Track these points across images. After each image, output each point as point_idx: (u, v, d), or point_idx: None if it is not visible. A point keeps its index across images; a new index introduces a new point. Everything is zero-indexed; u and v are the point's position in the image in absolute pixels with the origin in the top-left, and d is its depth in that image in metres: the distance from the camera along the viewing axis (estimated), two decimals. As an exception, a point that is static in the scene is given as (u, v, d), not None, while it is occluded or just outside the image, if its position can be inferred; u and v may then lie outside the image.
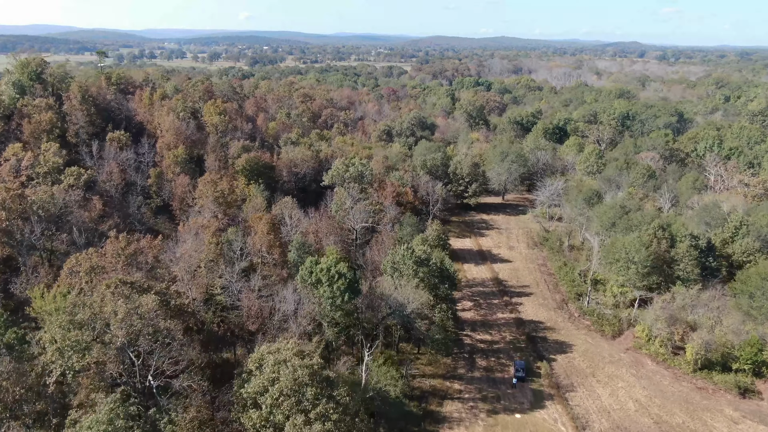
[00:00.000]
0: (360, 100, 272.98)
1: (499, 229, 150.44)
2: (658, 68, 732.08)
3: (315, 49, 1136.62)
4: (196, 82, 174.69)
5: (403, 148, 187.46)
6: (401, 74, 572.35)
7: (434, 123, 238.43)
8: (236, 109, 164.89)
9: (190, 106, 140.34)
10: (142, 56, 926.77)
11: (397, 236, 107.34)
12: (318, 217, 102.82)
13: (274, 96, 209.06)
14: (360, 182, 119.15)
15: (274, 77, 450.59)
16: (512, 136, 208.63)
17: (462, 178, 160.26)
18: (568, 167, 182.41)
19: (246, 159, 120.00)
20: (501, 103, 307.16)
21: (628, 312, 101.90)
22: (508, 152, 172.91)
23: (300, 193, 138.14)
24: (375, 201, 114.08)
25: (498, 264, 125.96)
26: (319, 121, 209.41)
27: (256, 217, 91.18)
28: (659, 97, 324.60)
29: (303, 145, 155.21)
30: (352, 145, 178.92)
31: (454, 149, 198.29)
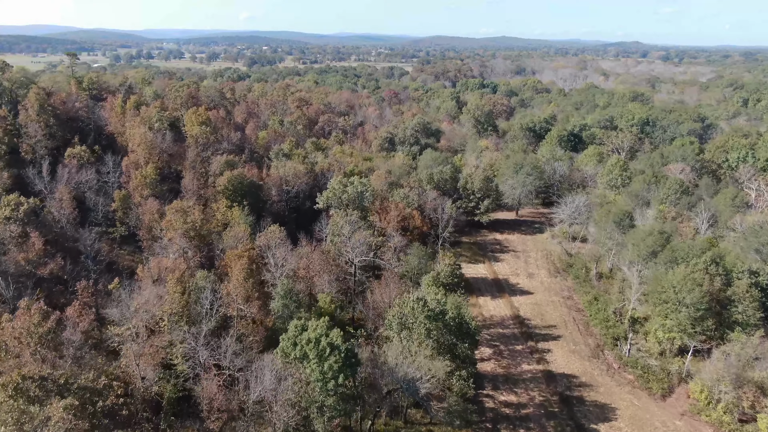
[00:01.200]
0: (360, 104, 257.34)
1: (515, 251, 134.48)
2: (664, 69, 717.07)
3: (315, 50, 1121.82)
4: (180, 87, 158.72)
5: (407, 158, 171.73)
6: (402, 75, 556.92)
7: (439, 129, 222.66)
8: (223, 117, 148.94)
9: (167, 116, 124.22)
10: (139, 56, 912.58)
11: (404, 269, 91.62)
12: (310, 249, 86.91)
13: (268, 101, 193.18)
14: (359, 205, 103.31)
15: (271, 79, 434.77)
16: (524, 144, 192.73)
17: (473, 193, 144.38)
18: (588, 179, 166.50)
19: (229, 177, 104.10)
20: (508, 106, 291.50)
21: (678, 364, 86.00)
22: (523, 163, 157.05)
23: (292, 213, 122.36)
24: (377, 228, 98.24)
25: (517, 297, 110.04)
26: (315, 127, 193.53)
27: (233, 255, 75.27)
28: (674, 101, 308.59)
29: (296, 158, 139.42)
30: (351, 155, 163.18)
31: (462, 159, 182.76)
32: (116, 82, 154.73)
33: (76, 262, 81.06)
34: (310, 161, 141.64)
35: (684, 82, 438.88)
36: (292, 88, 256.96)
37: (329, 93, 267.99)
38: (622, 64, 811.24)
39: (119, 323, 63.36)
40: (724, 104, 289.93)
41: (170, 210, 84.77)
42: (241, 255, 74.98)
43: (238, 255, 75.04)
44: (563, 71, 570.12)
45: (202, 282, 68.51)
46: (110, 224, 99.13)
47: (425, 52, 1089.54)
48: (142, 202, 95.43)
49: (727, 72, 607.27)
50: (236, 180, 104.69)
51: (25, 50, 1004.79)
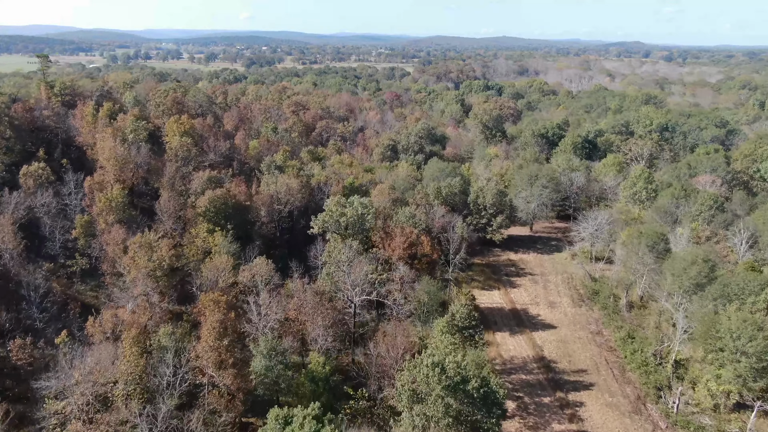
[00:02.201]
0: (360, 107, 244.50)
1: (532, 274, 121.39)
2: (669, 69, 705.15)
3: (315, 50, 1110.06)
4: (165, 92, 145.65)
5: (411, 167, 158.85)
6: (404, 76, 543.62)
7: (444, 135, 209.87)
8: (210, 125, 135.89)
9: (144, 126, 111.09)
10: (137, 57, 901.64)
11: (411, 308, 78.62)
12: (302, 287, 73.80)
13: (261, 105, 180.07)
14: (359, 229, 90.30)
15: (268, 80, 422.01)
16: (537, 152, 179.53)
17: (485, 208, 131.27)
18: (607, 191, 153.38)
19: (210, 198, 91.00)
20: (515, 109, 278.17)
21: (739, 425, 72.89)
22: (538, 174, 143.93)
23: (285, 234, 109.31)
24: (380, 258, 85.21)
25: (540, 332, 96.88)
26: (312, 134, 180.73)
27: (209, 300, 62.18)
28: (689, 103, 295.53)
29: (290, 170, 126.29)
30: (350, 165, 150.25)
31: (470, 168, 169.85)
32: (93, 86, 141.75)
33: (17, 312, 68.03)
34: (305, 173, 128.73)
35: (694, 83, 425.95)
36: (289, 90, 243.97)
37: (328, 96, 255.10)
38: (626, 65, 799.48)
39: (60, 395, 50.33)
40: (743, 108, 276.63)
41: (133, 244, 71.61)
42: (217, 300, 61.86)
43: (213, 300, 61.92)
44: (568, 72, 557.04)
45: (166, 341, 55.47)
46: (70, 255, 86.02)
47: (426, 52, 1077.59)
48: (107, 228, 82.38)
49: (734, 72, 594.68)
50: (219, 201, 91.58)
51: (22, 50, 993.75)
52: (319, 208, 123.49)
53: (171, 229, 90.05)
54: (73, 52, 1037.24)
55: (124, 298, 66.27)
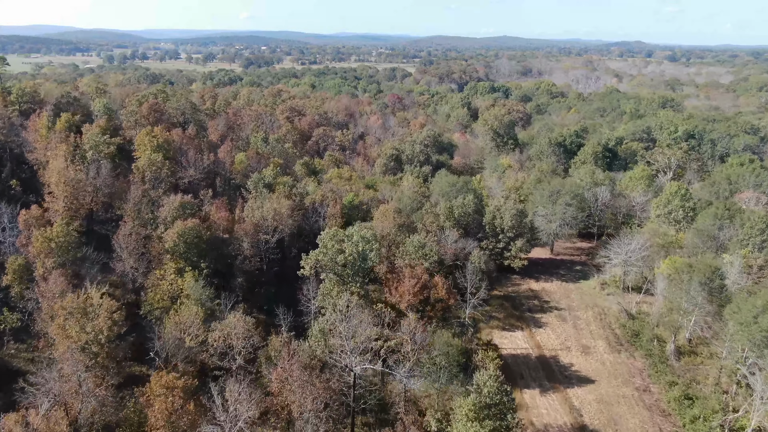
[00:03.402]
0: (361, 111, 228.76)
1: (558, 308, 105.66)
2: (675, 69, 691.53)
3: (314, 50, 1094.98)
4: (142, 97, 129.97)
5: (417, 181, 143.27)
6: (405, 77, 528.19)
7: (452, 142, 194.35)
8: (192, 135, 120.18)
9: (106, 140, 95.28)
10: (134, 57, 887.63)
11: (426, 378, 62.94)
12: (287, 354, 57.98)
13: (253, 111, 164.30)
14: (360, 267, 74.60)
15: (265, 81, 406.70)
16: (554, 163, 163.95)
17: (502, 231, 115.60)
18: (636, 208, 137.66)
19: (180, 231, 75.22)
20: (524, 113, 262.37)
21: None
22: (560, 191, 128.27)
23: (272, 267, 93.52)
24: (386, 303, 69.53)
25: (575, 388, 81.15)
26: (308, 143, 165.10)
27: (158, 386, 46.43)
28: (709, 107, 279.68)
29: (281, 188, 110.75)
30: (350, 179, 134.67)
31: (481, 180, 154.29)
32: (59, 92, 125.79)
33: None
34: (298, 192, 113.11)
35: (706, 85, 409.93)
36: (285, 94, 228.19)
37: (326, 99, 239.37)
38: (630, 65, 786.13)
39: None
40: None
41: (62, 310, 55.55)
42: (171, 386, 46.10)
43: (166, 386, 46.13)
44: (574, 73, 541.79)
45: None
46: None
47: (426, 52, 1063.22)
48: (45, 274, 66.66)
49: (743, 73, 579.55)
50: (191, 234, 75.82)
51: (18, 50, 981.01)
52: (313, 231, 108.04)
53: (132, 268, 74.43)
54: (70, 53, 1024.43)
55: (51, 380, 50.52)
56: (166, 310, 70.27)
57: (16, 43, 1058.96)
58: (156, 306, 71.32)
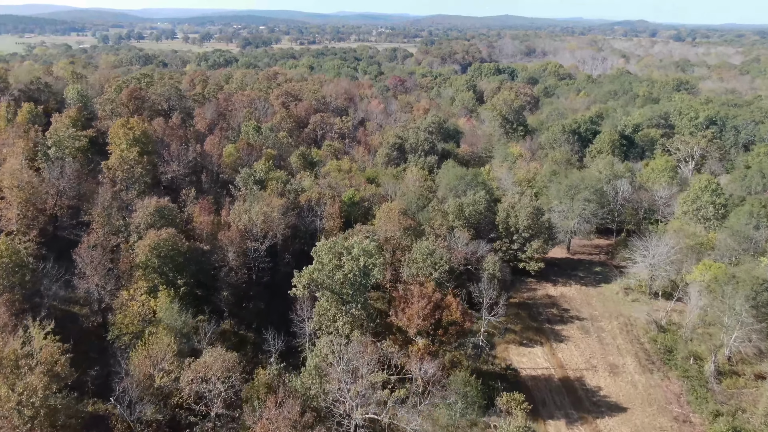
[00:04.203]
0: (361, 95, 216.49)
1: (580, 318, 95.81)
2: (683, 49, 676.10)
3: (313, 29, 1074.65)
4: (125, 82, 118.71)
5: (423, 172, 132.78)
6: (406, 57, 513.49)
7: (457, 128, 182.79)
8: (176, 125, 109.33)
9: (73, 134, 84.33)
10: (129, 37, 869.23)
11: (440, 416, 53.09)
12: (273, 404, 48.05)
13: (245, 97, 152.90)
14: (362, 287, 64.44)
15: (262, 62, 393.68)
16: (568, 151, 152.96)
17: (517, 231, 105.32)
18: (659, 203, 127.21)
19: (153, 242, 64.85)
20: (532, 96, 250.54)
21: None
22: (579, 185, 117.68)
23: (263, 276, 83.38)
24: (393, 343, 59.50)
25: (606, 419, 71.51)
26: (305, 131, 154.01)
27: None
28: (725, 89, 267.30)
29: (274, 183, 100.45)
30: (349, 172, 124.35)
31: (490, 171, 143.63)
32: (27, 78, 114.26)
33: None
34: (293, 188, 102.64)
35: (719, 66, 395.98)
36: (281, 77, 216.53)
37: (325, 81, 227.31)
38: (636, 45, 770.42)
39: None
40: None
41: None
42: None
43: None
44: (581, 53, 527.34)
45: None
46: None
47: (428, 32, 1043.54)
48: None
49: (753, 53, 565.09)
50: (166, 246, 65.48)
51: (12, 30, 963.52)
52: (309, 232, 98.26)
53: (98, 286, 64.31)
54: (64, 33, 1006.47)
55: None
56: (137, 336, 60.42)
57: (9, 23, 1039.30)
58: (124, 331, 61.42)
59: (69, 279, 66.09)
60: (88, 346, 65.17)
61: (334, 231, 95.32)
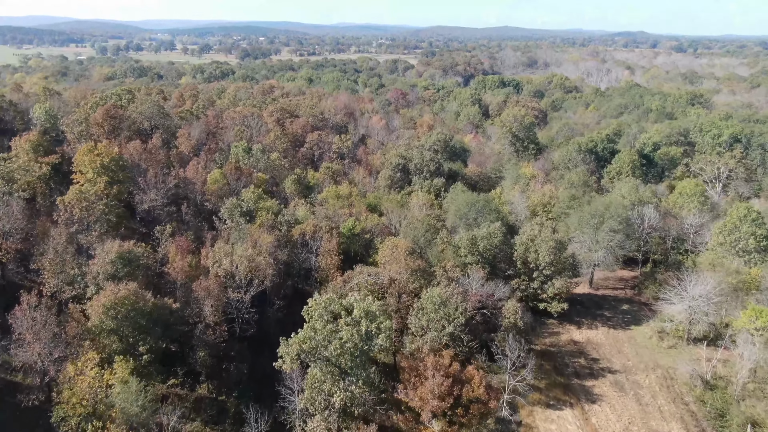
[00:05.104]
0: (362, 110, 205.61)
1: (612, 371, 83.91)
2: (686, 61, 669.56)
3: (313, 41, 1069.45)
4: (102, 99, 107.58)
5: (429, 197, 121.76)
6: (407, 69, 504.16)
7: (464, 146, 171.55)
8: (156, 147, 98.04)
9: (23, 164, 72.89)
10: (127, 48, 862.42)
11: None
12: None
13: (237, 114, 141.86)
14: (364, 360, 52.74)
15: (260, 74, 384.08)
16: (586, 173, 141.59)
17: (537, 268, 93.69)
18: (688, 231, 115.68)
19: (110, 302, 53.10)
20: (540, 110, 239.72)
21: None
22: (605, 213, 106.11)
23: (247, 329, 71.56)
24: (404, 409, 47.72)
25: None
26: (301, 150, 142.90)
27: None
28: (741, 103, 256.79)
29: (263, 215, 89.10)
30: (349, 197, 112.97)
31: (501, 194, 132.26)
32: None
33: None
34: (285, 219, 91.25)
35: (728, 78, 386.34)
36: (277, 90, 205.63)
37: (324, 95, 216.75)
38: (638, 56, 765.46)
39: None
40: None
41: None
42: None
43: None
44: (585, 65, 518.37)
45: None
46: None
47: (428, 43, 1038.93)
48: None
49: (759, 65, 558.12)
50: (125, 306, 53.77)
51: (10, 41, 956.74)
52: (303, 269, 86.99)
53: (41, 355, 52.60)
54: (63, 44, 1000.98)
55: None
56: (86, 419, 48.72)
57: (8, 33, 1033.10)
58: (71, 412, 49.70)
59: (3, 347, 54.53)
60: (31, 428, 53.43)
61: (332, 270, 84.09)
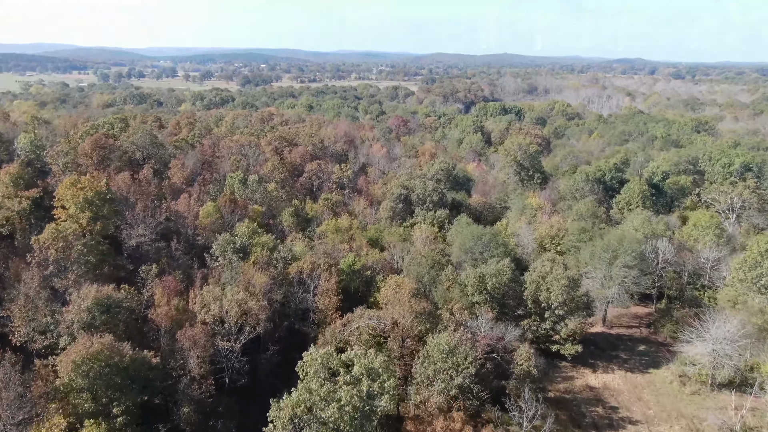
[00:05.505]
0: (362, 138, 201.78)
1: (632, 421, 77.65)
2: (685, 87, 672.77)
3: (314, 67, 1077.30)
4: (93, 127, 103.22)
5: (433, 229, 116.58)
6: (407, 96, 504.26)
7: (467, 175, 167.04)
8: (146, 179, 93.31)
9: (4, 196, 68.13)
10: (129, 75, 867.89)
11: None
12: None
13: (234, 143, 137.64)
14: (365, 416, 46.95)
15: (260, 101, 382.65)
16: (594, 203, 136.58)
17: (549, 307, 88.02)
18: (705, 265, 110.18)
19: (81, 356, 47.50)
20: (543, 138, 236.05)
21: None
22: (618, 248, 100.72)
23: (236, 381, 65.62)
24: None
25: None
26: (300, 179, 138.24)
27: None
28: (747, 131, 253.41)
29: (258, 251, 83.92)
30: (349, 230, 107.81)
31: (507, 226, 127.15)
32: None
33: None
34: (281, 256, 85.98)
35: (730, 105, 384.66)
36: (276, 118, 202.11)
37: (324, 123, 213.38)
38: (638, 82, 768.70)
39: None
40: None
41: None
42: None
43: None
44: (585, 91, 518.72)
45: None
46: None
47: (428, 70, 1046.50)
48: None
49: (759, 91, 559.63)
50: (98, 362, 48.17)
51: (13, 69, 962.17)
52: (300, 309, 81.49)
53: (5, 418, 46.98)
54: (66, 71, 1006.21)
55: None
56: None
57: (11, 61, 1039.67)
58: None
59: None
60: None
61: (330, 311, 78.57)
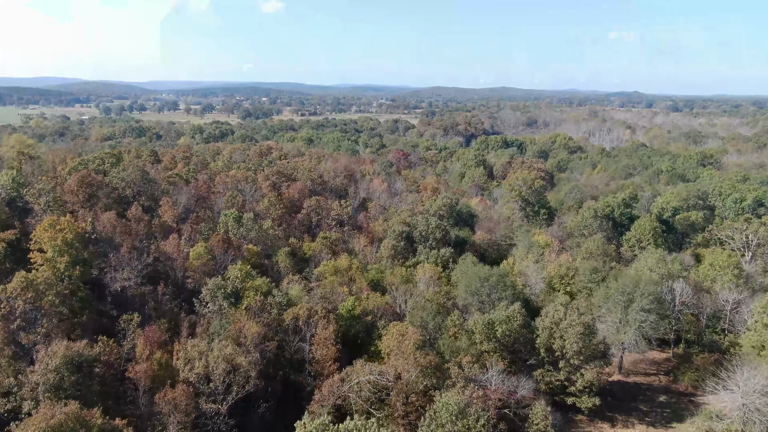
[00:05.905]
0: (363, 172, 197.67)
1: (658, 484, 70.83)
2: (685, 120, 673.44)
3: (315, 100, 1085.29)
4: (80, 164, 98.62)
5: (437, 269, 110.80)
6: (408, 129, 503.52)
7: (471, 211, 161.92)
8: (135, 218, 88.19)
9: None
10: (132, 109, 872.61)
11: None
12: None
13: (230, 179, 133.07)
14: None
15: (260, 135, 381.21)
16: (604, 241, 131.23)
17: (563, 356, 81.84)
18: (724, 308, 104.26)
19: (43, 425, 41.59)
20: (547, 172, 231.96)
21: None
22: (634, 291, 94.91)
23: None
24: None
25: None
26: (298, 216, 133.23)
27: None
28: (753, 164, 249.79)
29: (251, 296, 78.22)
30: (348, 271, 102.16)
31: (514, 265, 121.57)
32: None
33: None
34: (276, 301, 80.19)
35: (733, 138, 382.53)
36: (275, 152, 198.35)
37: (323, 156, 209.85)
38: (636, 115, 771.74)
39: None
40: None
41: None
42: None
43: None
44: (585, 124, 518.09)
45: None
46: None
47: (428, 103, 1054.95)
48: None
49: (760, 124, 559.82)
50: (64, 429, 42.19)
51: (16, 102, 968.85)
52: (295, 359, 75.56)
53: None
54: (69, 104, 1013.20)
55: None
56: None
57: (14, 95, 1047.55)
58: None
59: None
60: None
61: (328, 362, 72.56)
